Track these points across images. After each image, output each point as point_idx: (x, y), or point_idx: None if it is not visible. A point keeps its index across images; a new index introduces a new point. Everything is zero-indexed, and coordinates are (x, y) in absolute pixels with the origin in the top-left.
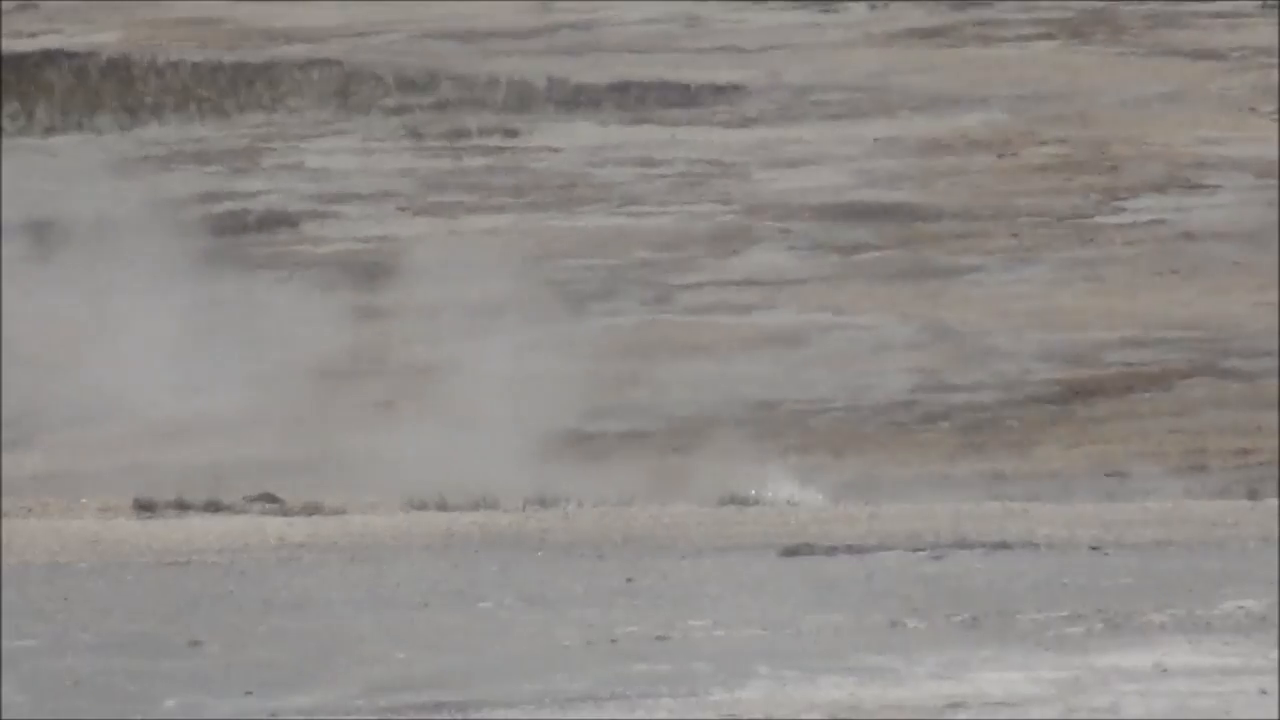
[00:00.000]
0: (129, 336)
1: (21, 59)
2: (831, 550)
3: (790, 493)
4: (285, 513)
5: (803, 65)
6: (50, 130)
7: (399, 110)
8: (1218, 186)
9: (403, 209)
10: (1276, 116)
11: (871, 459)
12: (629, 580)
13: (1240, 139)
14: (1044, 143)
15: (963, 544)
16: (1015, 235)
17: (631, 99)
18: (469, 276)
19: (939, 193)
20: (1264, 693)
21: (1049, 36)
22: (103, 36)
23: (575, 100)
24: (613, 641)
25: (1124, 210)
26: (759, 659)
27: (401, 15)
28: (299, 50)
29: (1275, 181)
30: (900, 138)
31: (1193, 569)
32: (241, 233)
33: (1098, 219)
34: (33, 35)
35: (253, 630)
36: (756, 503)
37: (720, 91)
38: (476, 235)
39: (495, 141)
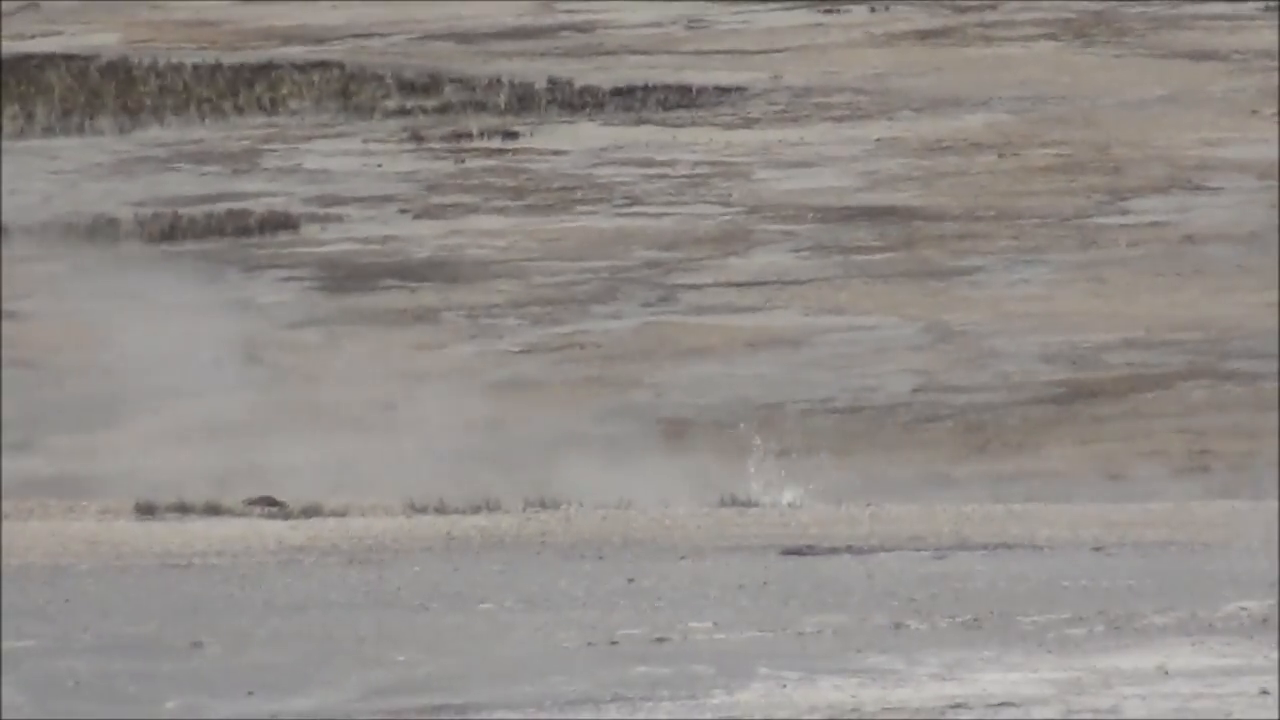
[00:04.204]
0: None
1: (22, 60)
2: (832, 551)
3: (791, 494)
4: (286, 515)
5: (804, 67)
6: (50, 131)
7: (400, 112)
8: (1220, 188)
9: (404, 211)
10: (1278, 119)
11: (873, 460)
12: (630, 582)
13: (1242, 141)
14: (1046, 144)
15: (964, 545)
16: (1017, 236)
17: (634, 101)
18: (470, 278)
19: (941, 194)
20: (1265, 694)
21: (1051, 38)
22: (103, 38)
23: (577, 102)
24: (613, 643)
25: (1126, 212)
26: (760, 660)
27: (403, 16)
28: (299, 52)
29: (1277, 183)
30: (902, 139)
31: (1194, 570)
32: (242, 234)
33: (1100, 220)
34: (33, 37)
35: (253, 632)
36: (757, 504)
37: (722, 93)
38: (478, 237)
39: (497, 143)
